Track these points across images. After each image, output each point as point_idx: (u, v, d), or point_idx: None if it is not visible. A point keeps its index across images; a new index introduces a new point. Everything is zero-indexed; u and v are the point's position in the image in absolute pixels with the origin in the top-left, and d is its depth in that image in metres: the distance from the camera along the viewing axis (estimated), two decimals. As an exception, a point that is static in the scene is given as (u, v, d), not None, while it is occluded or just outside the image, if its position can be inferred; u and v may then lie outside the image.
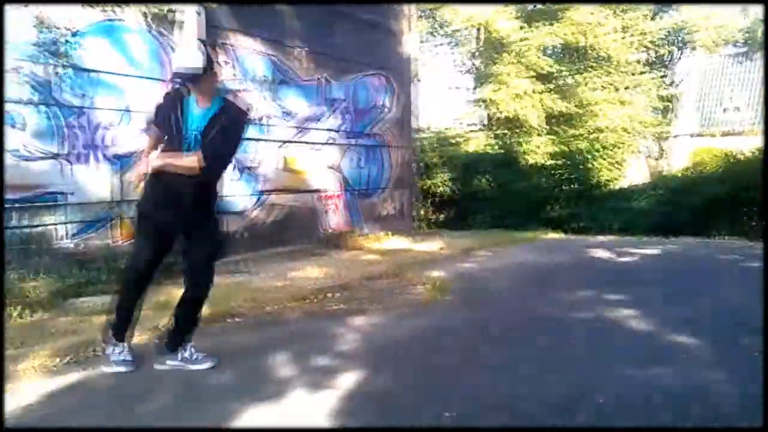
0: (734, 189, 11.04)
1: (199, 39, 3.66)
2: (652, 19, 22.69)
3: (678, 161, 22.77)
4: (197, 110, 3.25)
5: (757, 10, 25.26)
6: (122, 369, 3.37)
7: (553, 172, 13.22)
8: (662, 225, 11.18)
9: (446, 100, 23.08)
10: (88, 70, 5.51)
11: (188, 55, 3.20)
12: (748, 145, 13.08)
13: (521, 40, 17.19)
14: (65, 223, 5.37)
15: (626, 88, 19.29)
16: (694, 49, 26.74)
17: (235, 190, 7.04)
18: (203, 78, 3.16)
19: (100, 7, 5.56)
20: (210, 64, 3.19)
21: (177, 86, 3.33)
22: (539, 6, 19.40)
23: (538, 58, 17.39)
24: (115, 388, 3.20)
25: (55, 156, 5.28)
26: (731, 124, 25.74)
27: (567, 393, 3.05)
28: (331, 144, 8.51)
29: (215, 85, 3.34)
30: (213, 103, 3.26)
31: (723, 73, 27.80)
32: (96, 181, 5.59)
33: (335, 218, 8.63)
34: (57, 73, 5.25)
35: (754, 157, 11.75)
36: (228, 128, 3.24)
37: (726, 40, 25.24)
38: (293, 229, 7.87)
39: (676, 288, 5.64)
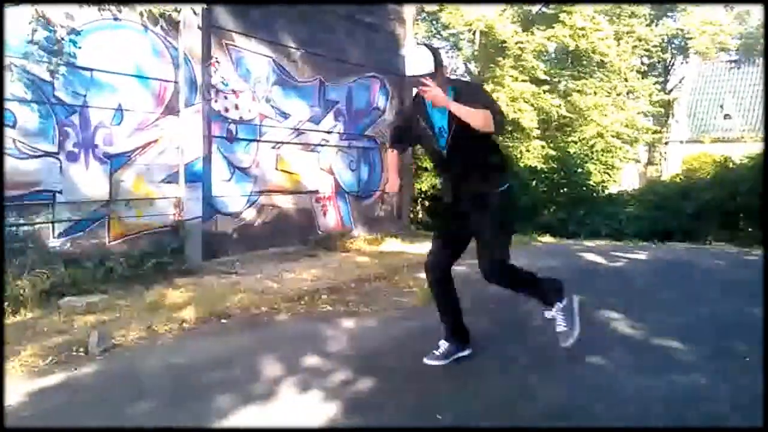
0: (725, 195, 11.14)
1: (424, 43, 3.76)
2: (648, 25, 22.83)
3: (670, 167, 22.89)
4: (435, 109, 3.32)
5: (754, 19, 25.53)
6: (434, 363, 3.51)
7: (545, 176, 13.28)
8: (652, 231, 11.27)
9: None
10: (84, 69, 5.51)
11: (419, 59, 3.23)
12: (739, 152, 13.18)
13: (517, 44, 17.28)
14: (56, 222, 5.37)
15: (619, 94, 19.40)
16: (688, 56, 26.93)
17: (227, 191, 7.06)
18: (435, 79, 3.21)
19: (97, 6, 5.56)
20: (439, 64, 3.25)
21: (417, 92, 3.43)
22: (542, 10, 19.54)
23: (534, 62, 17.49)
24: (100, 389, 3.21)
25: (48, 154, 5.28)
26: (723, 131, 25.90)
27: (558, 401, 3.09)
28: (326, 146, 8.53)
29: (445, 80, 3.36)
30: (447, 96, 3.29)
31: (716, 80, 27.99)
32: (88, 180, 5.59)
33: (329, 220, 8.65)
34: (52, 71, 5.24)
35: (743, 164, 11.86)
36: (474, 98, 3.25)
37: (721, 46, 25.45)
38: (286, 230, 7.89)
39: (663, 292, 5.67)
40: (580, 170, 13.08)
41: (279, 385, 3.25)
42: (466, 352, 3.63)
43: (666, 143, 27.84)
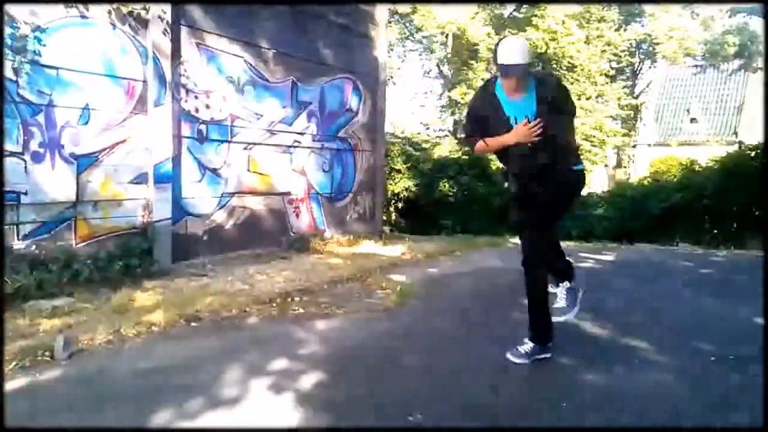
0: (691, 198, 11.38)
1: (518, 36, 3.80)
2: (617, 30, 23.23)
3: (638, 170, 23.30)
4: (513, 100, 3.35)
5: (718, 25, 26.18)
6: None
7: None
8: (621, 232, 11.46)
9: (415, 105, 23.14)
10: (49, 67, 5.39)
11: (518, 50, 3.23)
12: (705, 155, 13.49)
13: (488, 48, 17.45)
14: (21, 224, 5.23)
15: (588, 98, 19.70)
16: (655, 61, 27.50)
17: (198, 192, 6.97)
18: (527, 71, 3.28)
19: (63, 4, 5.45)
20: (530, 56, 3.30)
21: (488, 81, 3.48)
22: (513, 13, 19.76)
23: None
24: (65, 394, 3.14)
25: (12, 154, 5.14)
26: (689, 135, 26.50)
27: (536, 398, 3.12)
28: (298, 147, 8.48)
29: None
30: (528, 89, 3.33)
31: (682, 85, 28.63)
32: (54, 180, 5.46)
33: (301, 222, 8.61)
34: (16, 69, 5.11)
35: (709, 167, 12.14)
36: (557, 98, 3.34)
37: (687, 51, 26.04)
38: (258, 232, 7.82)
39: (630, 292, 5.77)
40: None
41: (249, 388, 3.22)
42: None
43: (634, 146, 28.38)
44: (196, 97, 6.87)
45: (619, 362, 3.66)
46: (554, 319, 3.56)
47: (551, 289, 3.68)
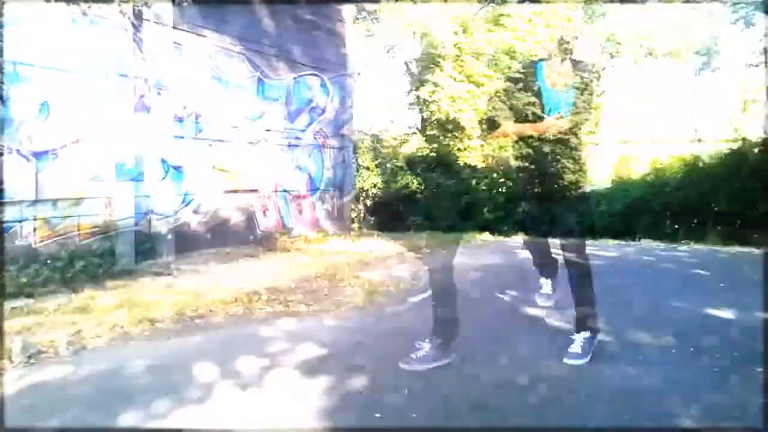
0: (653, 194, 11.63)
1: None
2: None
3: (602, 167, 23.72)
4: (553, 90, 3.48)
5: (681, 26, 26.77)
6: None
7: (485, 175, 13.55)
8: (586, 228, 11.64)
9: (383, 102, 23.03)
10: (7, 62, 5.22)
11: (594, 48, 3.31)
12: (666, 153, 13.82)
13: (456, 45, 17.55)
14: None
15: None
16: (619, 60, 27.97)
17: (162, 190, 6.84)
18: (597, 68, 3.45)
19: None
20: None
21: (529, 67, 3.60)
22: (479, 13, 19.85)
23: (474, 62, 17.79)
24: (22, 399, 3.05)
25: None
26: (651, 133, 27.10)
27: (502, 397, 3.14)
28: (265, 144, 8.40)
29: None
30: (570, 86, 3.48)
31: (644, 84, 29.20)
32: (12, 179, 5.30)
33: (269, 219, 8.53)
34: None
35: (670, 164, 12.45)
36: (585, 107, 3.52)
37: (650, 51, 26.57)
38: (224, 230, 7.72)
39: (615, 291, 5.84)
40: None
41: (215, 389, 3.17)
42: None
43: (597, 144, 28.87)
44: (159, 93, 6.74)
45: (614, 361, 3.67)
46: (565, 359, 3.47)
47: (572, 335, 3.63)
